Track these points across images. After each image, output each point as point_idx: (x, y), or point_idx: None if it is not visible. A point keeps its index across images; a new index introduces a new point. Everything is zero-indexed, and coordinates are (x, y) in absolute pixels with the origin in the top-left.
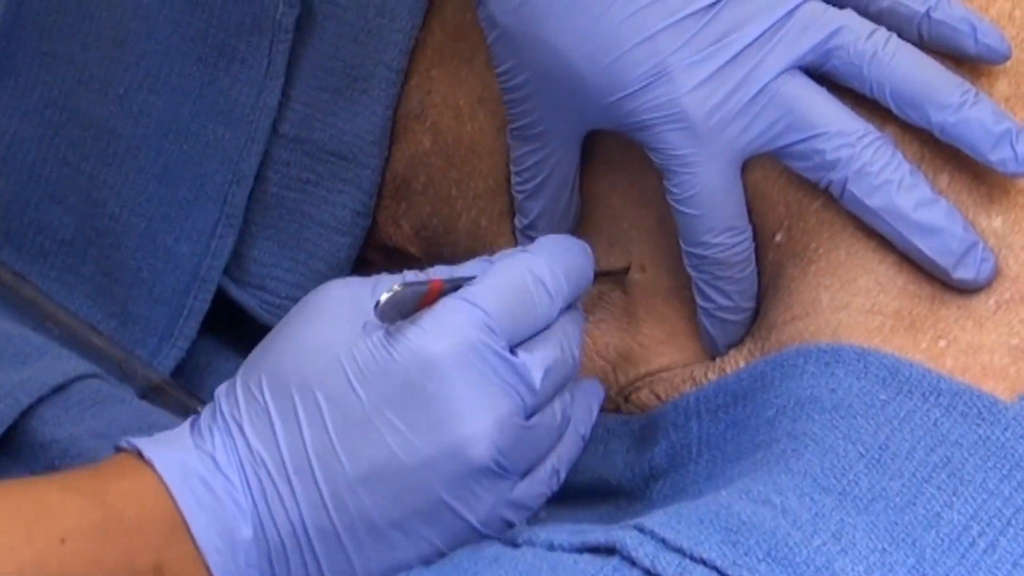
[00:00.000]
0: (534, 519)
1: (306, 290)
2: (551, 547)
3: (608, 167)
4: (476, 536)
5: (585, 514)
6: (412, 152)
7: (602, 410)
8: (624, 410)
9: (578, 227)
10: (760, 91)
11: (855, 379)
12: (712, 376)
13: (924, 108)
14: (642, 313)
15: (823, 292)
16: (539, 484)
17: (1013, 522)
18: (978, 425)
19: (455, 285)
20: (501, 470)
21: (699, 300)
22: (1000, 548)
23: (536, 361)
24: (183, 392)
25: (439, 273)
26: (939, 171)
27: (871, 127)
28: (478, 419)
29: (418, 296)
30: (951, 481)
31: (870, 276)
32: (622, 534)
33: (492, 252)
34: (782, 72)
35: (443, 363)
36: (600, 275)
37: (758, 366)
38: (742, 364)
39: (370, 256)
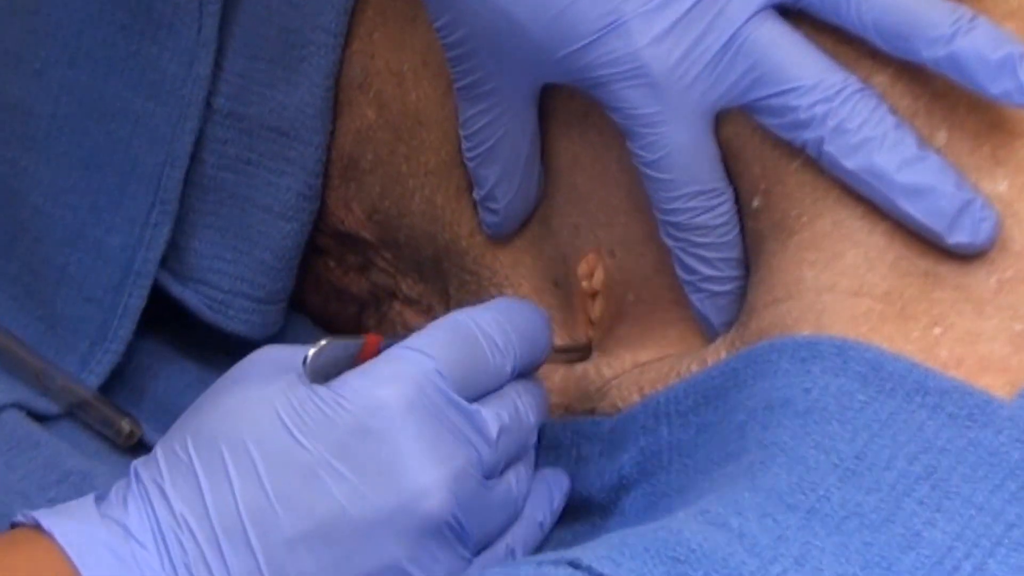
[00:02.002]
0: None
1: (251, 283)
2: None
3: (569, 140)
4: None
5: (561, 532)
6: (357, 126)
7: (575, 413)
8: (599, 410)
9: (540, 212)
10: (728, 40)
11: (832, 377)
12: (695, 368)
13: (913, 42)
14: (616, 303)
15: (807, 270)
16: (493, 563)
17: (1004, 541)
18: (968, 428)
19: (396, 340)
20: (459, 530)
21: (681, 273)
22: (988, 571)
23: (491, 414)
24: (110, 407)
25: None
26: (935, 128)
27: (852, 79)
28: (435, 468)
29: (353, 351)
30: (934, 494)
31: (858, 250)
32: (555, 572)
33: (453, 234)
34: (752, 16)
35: (395, 407)
36: (560, 351)
37: (730, 363)
38: (723, 355)
39: (322, 243)
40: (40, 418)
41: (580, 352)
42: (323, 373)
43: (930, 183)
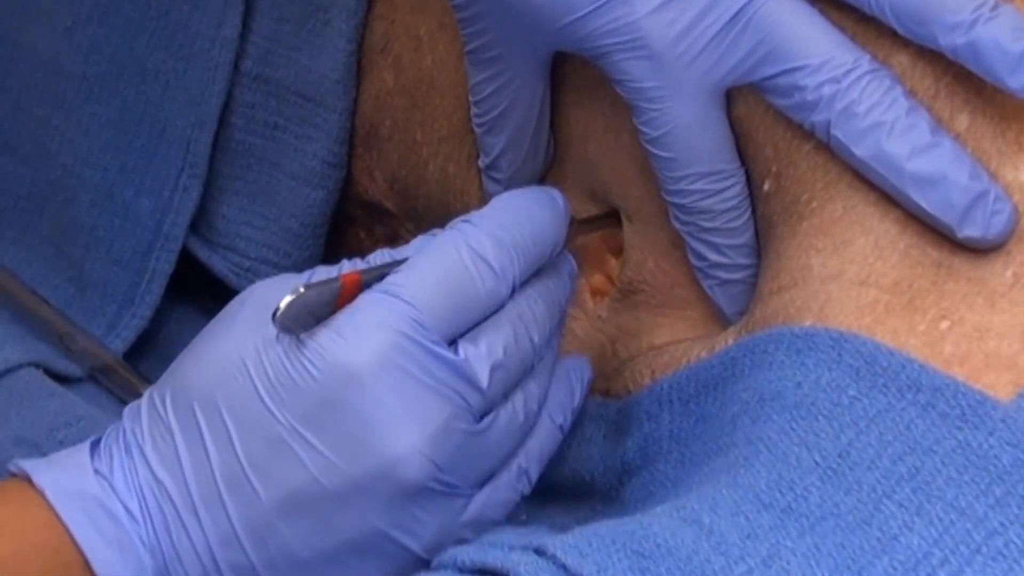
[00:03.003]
0: (516, 520)
1: (277, 251)
2: (454, 564)
3: (580, 110)
4: (424, 565)
5: (564, 518)
6: (376, 91)
7: (590, 391)
8: (613, 391)
9: (551, 176)
10: (736, 14)
11: (825, 370)
12: (704, 355)
13: (930, 26)
14: (636, 268)
15: (814, 256)
16: (502, 491)
17: (983, 549)
18: (959, 428)
19: (380, 274)
20: (445, 487)
21: (691, 258)
22: None
23: (481, 354)
24: (131, 372)
25: (379, 258)
26: (956, 112)
27: (864, 58)
28: (408, 434)
29: (330, 295)
30: (916, 497)
31: (868, 238)
32: (518, 559)
33: (464, 204)
34: None
35: (364, 372)
36: (583, 224)
37: (729, 351)
38: (731, 343)
39: (353, 212)
40: (62, 380)
41: (606, 221)
42: (300, 321)
43: (942, 172)
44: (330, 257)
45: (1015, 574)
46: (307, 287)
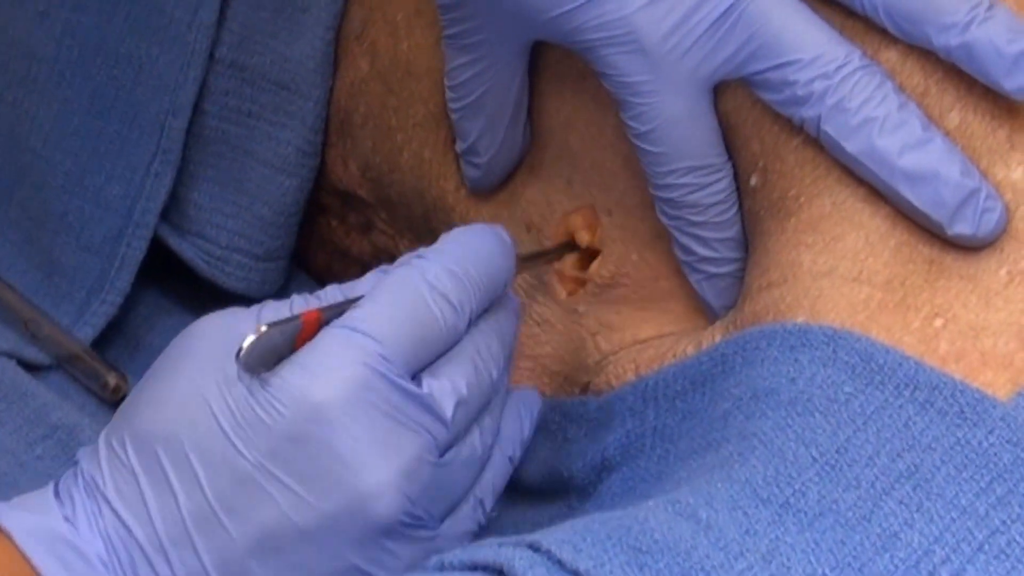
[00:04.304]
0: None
1: (249, 239)
2: (441, 567)
3: (562, 100)
4: None
5: (535, 515)
6: (351, 78)
7: (571, 384)
8: (594, 385)
9: (528, 163)
10: (727, 9)
11: (820, 367)
12: (690, 351)
13: (924, 27)
14: (616, 262)
15: (804, 252)
16: (462, 523)
17: (986, 547)
18: (958, 426)
19: (339, 311)
20: (415, 520)
21: (678, 253)
22: None
23: (446, 389)
24: (97, 361)
25: (329, 296)
26: (946, 109)
27: (856, 54)
28: (380, 468)
29: (292, 334)
30: (916, 494)
31: (859, 233)
32: (513, 553)
33: (439, 190)
34: None
35: (333, 407)
36: (528, 259)
37: (719, 347)
38: (718, 339)
39: (325, 201)
40: (32, 368)
41: (555, 253)
42: (262, 360)
43: (933, 168)
44: (304, 248)
45: (1018, 573)
46: (269, 326)
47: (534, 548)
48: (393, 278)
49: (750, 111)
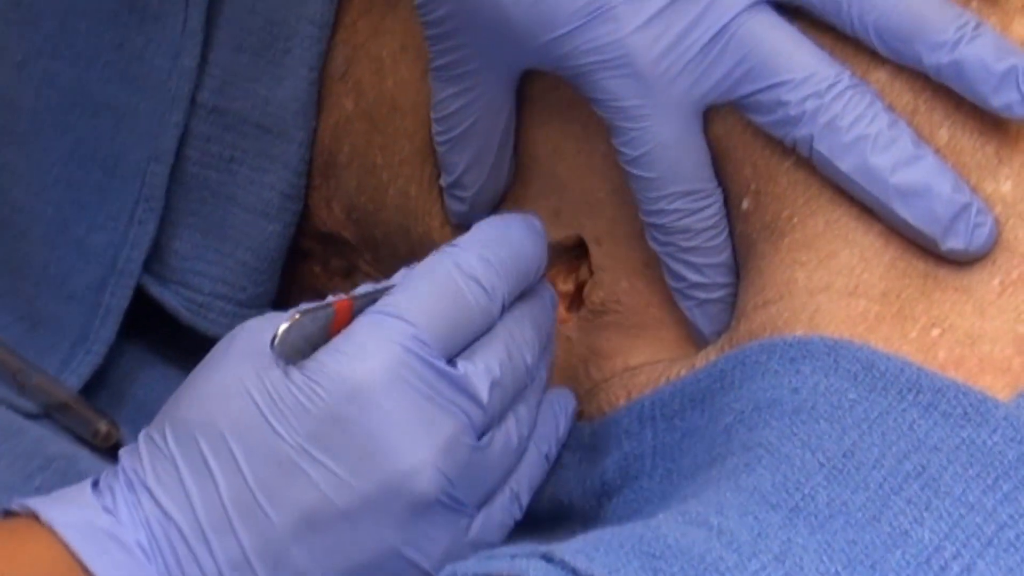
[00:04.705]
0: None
1: (232, 286)
2: None
3: (550, 129)
4: None
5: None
6: (336, 118)
7: None
8: (587, 414)
9: (514, 195)
10: (719, 31)
11: (822, 376)
12: (684, 373)
13: (914, 46)
14: (608, 289)
15: (798, 270)
16: (498, 513)
17: (995, 541)
18: (962, 427)
19: (371, 299)
20: (453, 503)
21: (669, 280)
22: (977, 572)
23: (480, 371)
24: (87, 408)
25: (364, 290)
26: (936, 126)
27: (845, 73)
28: (419, 447)
29: (325, 322)
30: (924, 493)
31: (853, 250)
32: (527, 564)
33: (425, 227)
34: (745, 8)
35: (371, 387)
36: (555, 249)
37: (718, 364)
38: (713, 358)
39: (307, 246)
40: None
41: (574, 249)
42: (297, 348)
43: (926, 184)
44: (285, 293)
45: None
46: (302, 313)
47: (548, 559)
48: (424, 266)
49: (742, 135)
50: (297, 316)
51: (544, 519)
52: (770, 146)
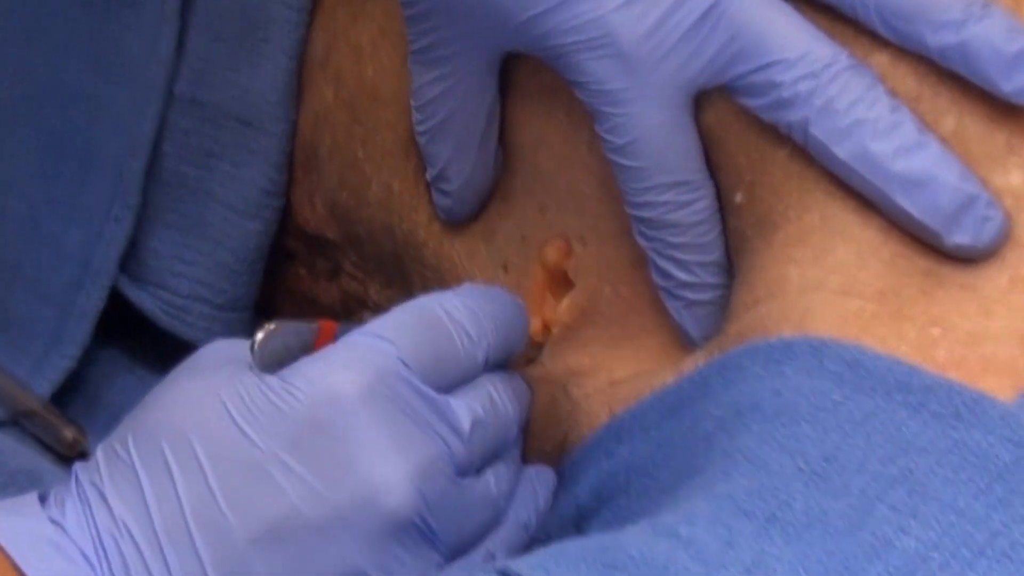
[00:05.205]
0: None
1: (211, 288)
2: None
3: (533, 117)
4: None
5: None
6: (316, 109)
7: (547, 442)
8: (571, 439)
9: (502, 190)
10: (708, 9)
11: (806, 377)
12: (670, 381)
13: (918, 26)
14: (589, 297)
15: (791, 268)
16: (470, 570)
17: (987, 551)
18: (953, 428)
19: (356, 325)
20: (428, 531)
21: (656, 278)
22: None
23: (463, 406)
24: (58, 417)
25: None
26: (941, 114)
27: (843, 53)
28: (395, 462)
29: (308, 337)
30: (910, 499)
31: (849, 246)
32: None
33: (411, 224)
34: None
35: (352, 396)
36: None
37: (701, 371)
38: (701, 365)
39: (291, 246)
40: None
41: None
42: (275, 360)
43: (930, 173)
44: (270, 297)
45: None
46: (284, 323)
47: (504, 573)
48: (411, 302)
49: (734, 124)
50: (274, 326)
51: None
52: (764, 136)
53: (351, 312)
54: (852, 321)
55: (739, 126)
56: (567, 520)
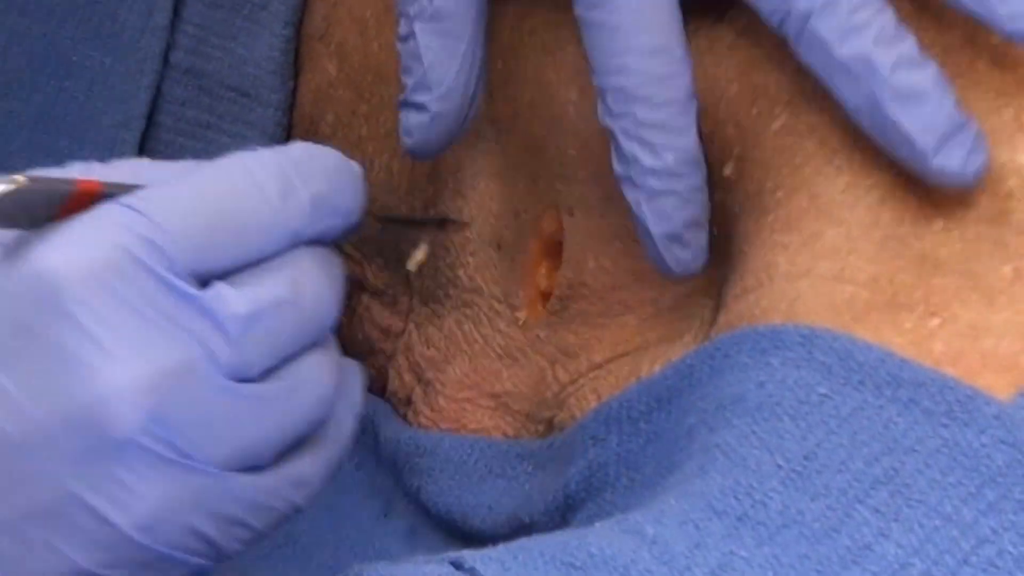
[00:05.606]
0: None
1: None
2: None
3: (526, 82)
4: (145, 551)
5: None
6: (318, 83)
7: (535, 422)
8: (559, 422)
9: (492, 165)
10: None
11: (793, 369)
12: (656, 367)
13: None
14: (575, 269)
15: (780, 254)
16: (265, 494)
17: (972, 559)
18: (944, 426)
19: (128, 189)
20: (170, 451)
21: (617, 167)
22: None
23: (240, 298)
24: None
25: (133, 170)
26: None
27: None
28: (113, 372)
29: (58, 198)
30: (894, 502)
31: (839, 229)
32: (432, 571)
33: (408, 211)
34: None
35: (69, 291)
36: (391, 220)
37: (686, 360)
38: (690, 354)
39: None
40: None
41: (433, 223)
42: (13, 221)
43: (927, 90)
44: None
45: None
46: (30, 179)
47: (456, 565)
48: (211, 163)
49: (725, 89)
50: (23, 180)
51: (502, 540)
52: (757, 104)
53: (348, 295)
54: (844, 310)
55: (731, 92)
56: (555, 507)
